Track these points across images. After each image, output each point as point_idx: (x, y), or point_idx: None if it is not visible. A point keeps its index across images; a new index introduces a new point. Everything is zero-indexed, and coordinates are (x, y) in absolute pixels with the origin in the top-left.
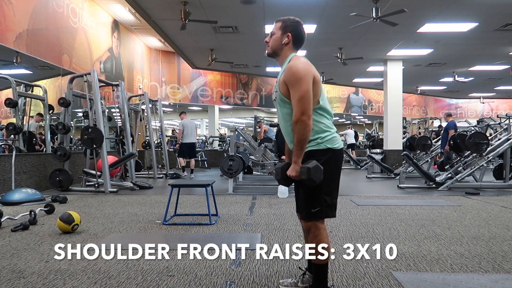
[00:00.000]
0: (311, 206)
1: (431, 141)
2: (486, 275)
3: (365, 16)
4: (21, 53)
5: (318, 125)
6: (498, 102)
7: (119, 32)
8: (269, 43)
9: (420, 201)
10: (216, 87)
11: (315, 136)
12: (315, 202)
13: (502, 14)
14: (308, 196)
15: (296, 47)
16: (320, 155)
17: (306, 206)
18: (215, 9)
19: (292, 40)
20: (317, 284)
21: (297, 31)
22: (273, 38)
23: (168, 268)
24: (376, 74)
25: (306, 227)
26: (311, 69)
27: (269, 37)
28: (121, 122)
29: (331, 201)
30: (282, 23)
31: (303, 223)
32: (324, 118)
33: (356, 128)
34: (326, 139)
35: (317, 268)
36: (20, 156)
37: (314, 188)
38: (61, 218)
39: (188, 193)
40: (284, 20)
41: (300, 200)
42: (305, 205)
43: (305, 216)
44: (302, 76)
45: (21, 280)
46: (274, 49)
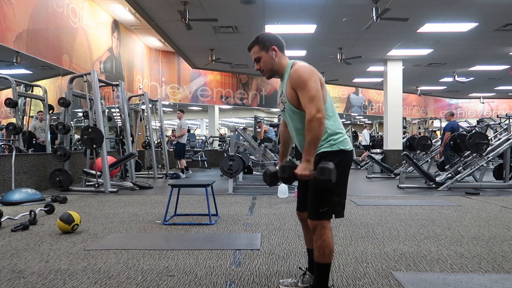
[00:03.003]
0: (320, 206)
1: (431, 141)
2: (486, 275)
3: (365, 16)
4: (21, 53)
5: (329, 127)
6: (498, 102)
7: (119, 32)
8: (262, 68)
9: (420, 201)
10: (216, 87)
11: (327, 138)
12: (324, 202)
13: (502, 14)
14: (317, 196)
15: (283, 52)
16: (333, 157)
17: (315, 205)
18: (215, 9)
19: (278, 49)
20: (319, 282)
21: (275, 39)
22: (263, 62)
23: (168, 268)
24: (376, 74)
25: (312, 226)
26: (316, 71)
27: (257, 64)
28: (121, 122)
29: (340, 201)
30: (259, 45)
31: (310, 222)
32: (335, 120)
33: (356, 128)
34: (339, 140)
35: (320, 267)
36: (20, 156)
37: (324, 188)
38: (61, 218)
39: (188, 193)
40: (257, 41)
41: (309, 199)
42: (314, 204)
43: (313, 215)
44: (309, 76)
45: (21, 280)
46: (270, 69)
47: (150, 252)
